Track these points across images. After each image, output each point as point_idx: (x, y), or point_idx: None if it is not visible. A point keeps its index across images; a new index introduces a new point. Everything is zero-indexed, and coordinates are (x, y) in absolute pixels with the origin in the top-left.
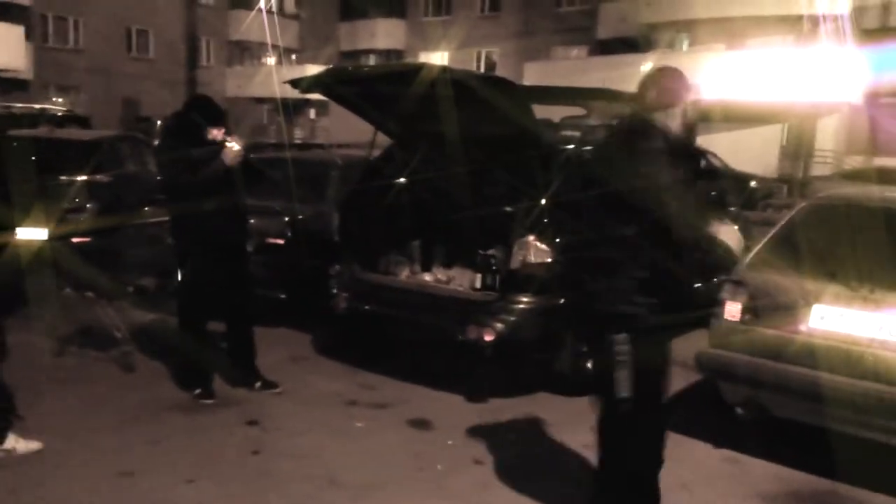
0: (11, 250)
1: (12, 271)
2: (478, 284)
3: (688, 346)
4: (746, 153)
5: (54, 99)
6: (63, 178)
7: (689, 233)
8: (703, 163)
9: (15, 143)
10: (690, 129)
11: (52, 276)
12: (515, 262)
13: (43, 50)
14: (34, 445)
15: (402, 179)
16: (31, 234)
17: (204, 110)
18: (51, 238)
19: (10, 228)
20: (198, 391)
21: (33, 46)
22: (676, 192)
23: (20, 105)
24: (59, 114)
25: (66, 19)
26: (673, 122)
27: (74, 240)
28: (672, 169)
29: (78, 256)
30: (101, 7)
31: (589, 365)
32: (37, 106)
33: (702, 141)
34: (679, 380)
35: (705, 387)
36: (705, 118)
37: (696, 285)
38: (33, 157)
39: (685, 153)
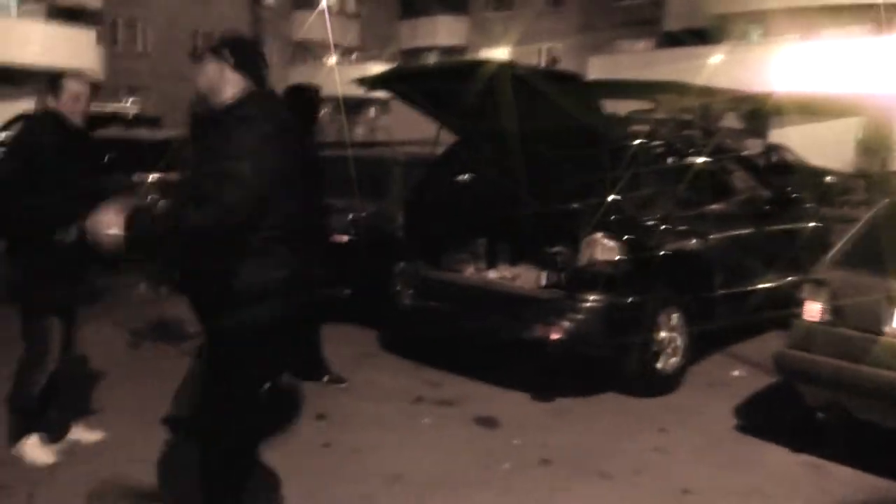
0: (82, 246)
1: (82, 267)
2: (543, 282)
3: (764, 347)
4: (821, 147)
5: (125, 101)
6: (136, 176)
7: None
8: (774, 157)
9: (90, 144)
10: (761, 122)
11: (128, 271)
12: (582, 260)
13: (113, 53)
14: (97, 436)
15: (466, 176)
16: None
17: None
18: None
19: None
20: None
21: (104, 50)
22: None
23: (93, 107)
24: (130, 115)
25: (135, 23)
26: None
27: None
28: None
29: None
30: (168, 11)
31: (659, 365)
32: (109, 107)
33: (775, 135)
34: (755, 381)
35: (783, 389)
36: (778, 111)
37: None
38: (107, 157)
39: None
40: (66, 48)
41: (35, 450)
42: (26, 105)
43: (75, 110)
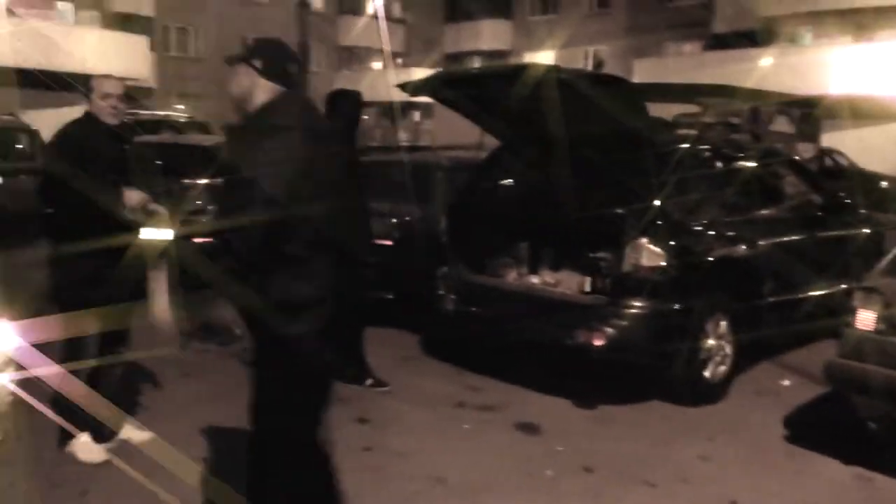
0: (135, 249)
1: (135, 269)
2: (587, 288)
3: (815, 356)
4: (875, 152)
5: (176, 106)
6: (186, 181)
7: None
8: (827, 161)
9: (142, 149)
10: (813, 126)
11: (177, 274)
12: (627, 266)
13: (165, 59)
14: (146, 435)
15: (509, 181)
16: (158, 234)
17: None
18: (176, 238)
19: (135, 229)
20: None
21: (156, 56)
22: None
23: (145, 112)
24: (181, 120)
25: (187, 29)
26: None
27: (197, 240)
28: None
29: (200, 255)
30: (218, 17)
31: (706, 373)
32: (160, 113)
33: (827, 139)
34: (804, 391)
35: (834, 399)
36: (831, 115)
37: None
38: (159, 162)
39: None
40: (121, 55)
41: (86, 449)
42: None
43: (107, 110)
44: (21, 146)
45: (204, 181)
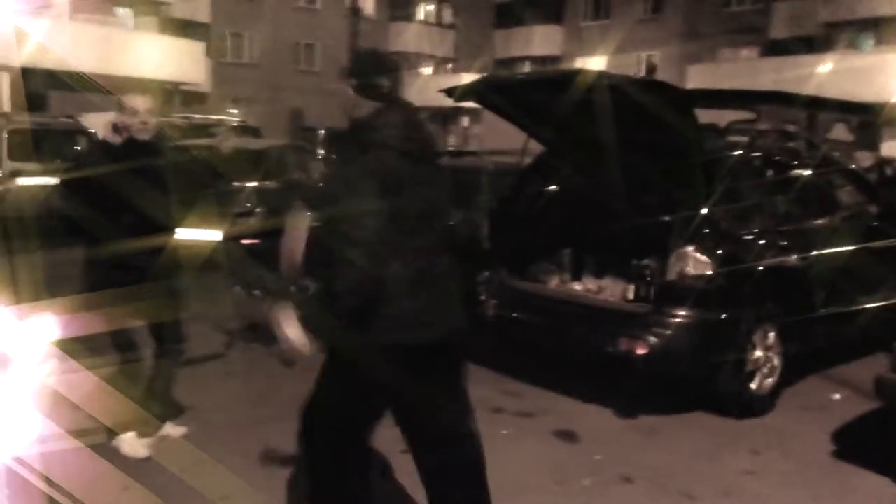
0: (170, 250)
1: (170, 270)
2: (630, 295)
3: (867, 370)
4: None
5: (229, 110)
6: (236, 183)
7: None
8: (888, 170)
9: (195, 152)
10: (873, 134)
11: (225, 275)
12: (672, 274)
13: (220, 64)
14: (182, 430)
15: (553, 187)
16: (207, 235)
17: None
18: (224, 239)
19: (170, 230)
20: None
21: (211, 61)
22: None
23: (199, 116)
24: (234, 124)
25: (242, 35)
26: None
27: (245, 241)
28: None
29: (248, 257)
30: (272, 23)
31: (753, 385)
32: (213, 117)
33: (888, 148)
34: (854, 406)
35: (884, 415)
36: (892, 123)
37: None
38: (210, 164)
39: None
40: (178, 60)
41: (131, 443)
42: None
43: (137, 125)
44: (79, 148)
45: (253, 184)
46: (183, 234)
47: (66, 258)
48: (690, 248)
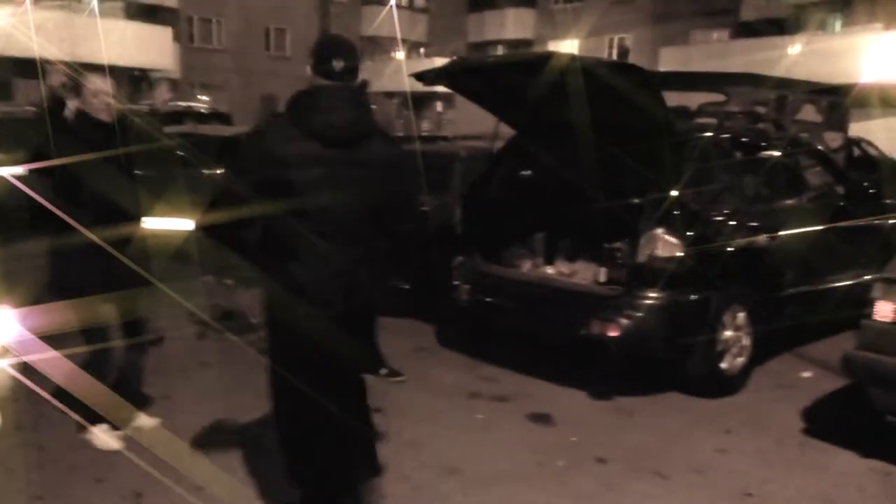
0: (138, 240)
1: (138, 259)
2: (602, 278)
3: (836, 348)
4: None
5: (199, 97)
6: (205, 171)
7: None
8: (856, 151)
9: (163, 140)
10: (842, 116)
11: (196, 263)
12: (643, 256)
13: (189, 50)
14: (153, 422)
15: (525, 171)
16: (178, 224)
17: None
18: (196, 228)
19: (136, 218)
20: None
21: (180, 47)
22: None
23: (168, 103)
24: (203, 111)
25: (210, 20)
26: None
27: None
28: None
29: (219, 245)
30: (242, 8)
31: (724, 365)
32: (182, 104)
33: (857, 128)
34: (824, 383)
35: (852, 391)
36: (861, 104)
37: None
38: (179, 153)
39: None
40: (144, 46)
41: (103, 436)
42: None
43: (96, 108)
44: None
45: (223, 171)
46: (152, 223)
47: (33, 250)
48: (660, 230)
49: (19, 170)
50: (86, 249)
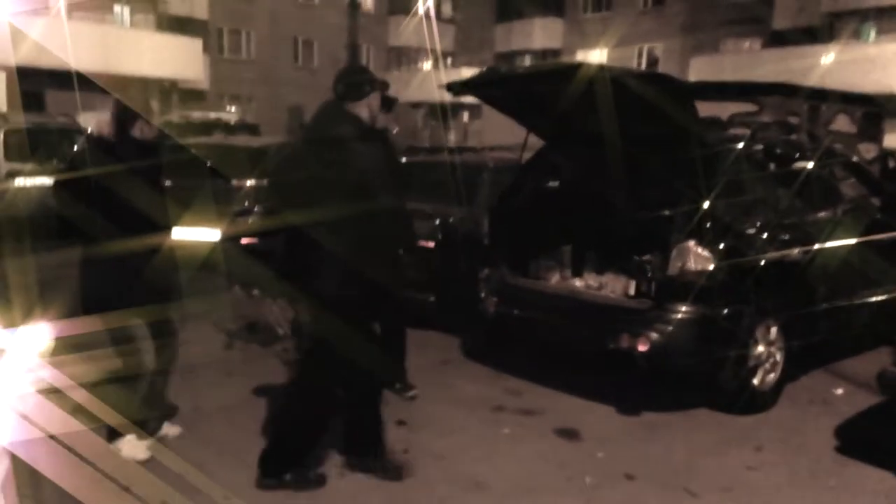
0: (167, 250)
1: (167, 270)
2: (631, 291)
3: (868, 364)
4: None
5: (227, 108)
6: (234, 182)
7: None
8: (891, 162)
9: (191, 151)
10: (877, 126)
11: (223, 274)
12: (673, 269)
13: (218, 61)
14: (177, 430)
15: (554, 182)
16: (205, 234)
17: None
18: (222, 239)
19: (166, 229)
20: None
21: (209, 58)
22: None
23: (197, 114)
24: (232, 122)
25: (239, 32)
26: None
27: (243, 241)
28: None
29: (246, 256)
30: (270, 20)
31: (756, 381)
32: (212, 115)
33: (892, 139)
34: (858, 400)
35: (888, 409)
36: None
37: None
38: (208, 163)
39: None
40: (174, 57)
41: (131, 445)
42: None
43: (135, 126)
44: (75, 147)
45: (251, 182)
46: (180, 233)
47: (63, 259)
48: (691, 243)
49: (51, 180)
50: (116, 260)
